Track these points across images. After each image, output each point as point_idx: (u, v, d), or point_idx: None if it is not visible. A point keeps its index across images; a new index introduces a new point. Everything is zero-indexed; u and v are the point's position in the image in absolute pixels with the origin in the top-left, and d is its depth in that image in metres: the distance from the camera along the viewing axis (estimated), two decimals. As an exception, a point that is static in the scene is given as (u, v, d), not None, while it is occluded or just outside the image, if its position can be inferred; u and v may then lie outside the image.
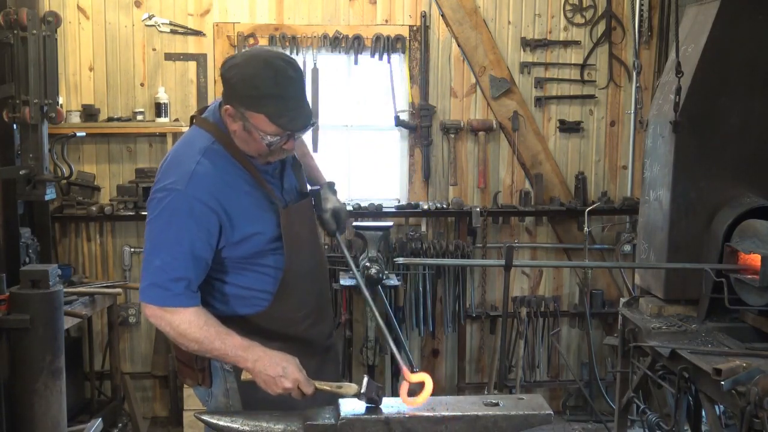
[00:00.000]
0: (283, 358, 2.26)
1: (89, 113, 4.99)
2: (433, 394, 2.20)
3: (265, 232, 2.34)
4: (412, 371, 2.23)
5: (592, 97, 5.41)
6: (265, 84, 2.21)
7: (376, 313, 2.59)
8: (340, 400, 2.21)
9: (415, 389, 2.19)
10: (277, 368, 2.23)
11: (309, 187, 2.61)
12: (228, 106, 2.26)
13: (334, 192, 2.65)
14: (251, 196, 2.33)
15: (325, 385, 2.27)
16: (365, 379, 2.22)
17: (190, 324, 2.24)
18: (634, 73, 5.32)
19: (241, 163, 2.33)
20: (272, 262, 2.38)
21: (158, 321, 2.28)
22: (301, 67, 5.11)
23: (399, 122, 5.20)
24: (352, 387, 2.24)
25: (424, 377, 2.19)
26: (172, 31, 5.09)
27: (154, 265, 2.24)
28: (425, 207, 5.21)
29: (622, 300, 3.98)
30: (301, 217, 2.47)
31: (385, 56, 5.18)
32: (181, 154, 2.34)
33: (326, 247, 5.15)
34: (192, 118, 2.44)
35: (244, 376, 2.29)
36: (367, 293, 2.62)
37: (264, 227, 2.34)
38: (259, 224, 2.33)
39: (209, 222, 2.25)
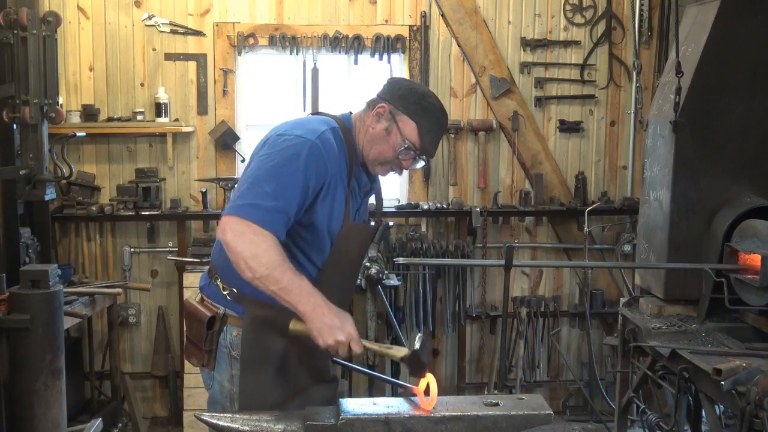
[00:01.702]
0: (341, 311, 2.28)
1: (89, 113, 4.99)
2: (433, 393, 2.20)
3: (330, 225, 2.42)
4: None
5: (592, 97, 5.41)
6: (432, 104, 2.48)
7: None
8: (341, 400, 2.21)
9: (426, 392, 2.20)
10: (334, 319, 2.24)
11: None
12: (384, 104, 2.47)
13: None
14: (341, 188, 2.43)
15: (374, 345, 2.29)
16: (418, 339, 2.23)
17: (270, 247, 2.23)
18: (634, 73, 5.32)
19: (349, 159, 2.45)
20: (318, 260, 2.45)
21: (238, 236, 2.23)
22: (302, 69, 5.12)
23: (399, 122, 5.20)
24: (402, 350, 2.26)
25: (428, 378, 2.19)
26: (172, 31, 5.09)
27: (264, 190, 2.26)
28: (425, 207, 5.21)
29: (622, 300, 3.98)
30: (359, 238, 2.53)
31: (385, 56, 5.17)
32: (308, 120, 2.50)
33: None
34: (313, 113, 2.62)
35: (293, 325, 2.27)
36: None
37: (332, 221, 2.42)
38: (331, 215, 2.41)
39: (320, 178, 2.35)
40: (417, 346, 2.22)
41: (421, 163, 2.54)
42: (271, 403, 2.37)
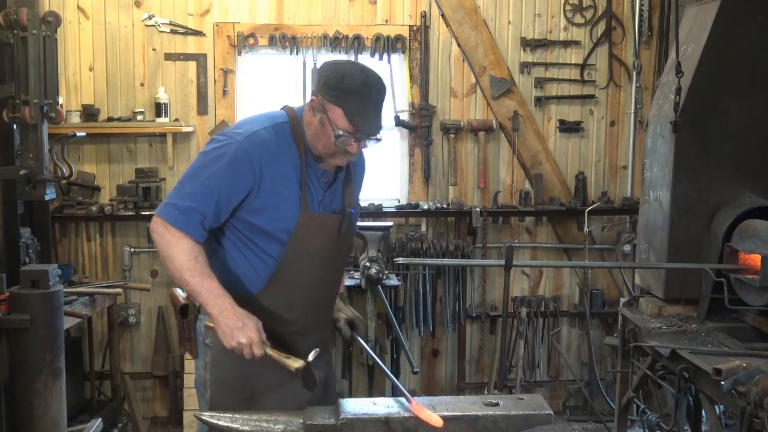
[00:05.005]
0: (247, 315, 2.36)
1: (89, 113, 4.99)
2: (433, 394, 2.21)
3: (280, 219, 2.43)
4: (413, 371, 2.24)
5: (592, 97, 5.41)
6: (353, 82, 2.37)
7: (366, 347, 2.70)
8: (341, 400, 2.22)
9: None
10: (237, 322, 2.32)
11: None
12: (314, 97, 2.43)
13: (346, 301, 2.80)
14: (289, 182, 2.44)
15: (274, 353, 2.35)
16: (313, 353, 2.30)
17: (182, 250, 2.36)
18: (634, 73, 5.32)
19: (298, 152, 2.46)
20: (274, 252, 2.45)
21: (158, 237, 2.40)
22: (302, 69, 5.10)
23: (399, 122, 5.20)
24: (298, 362, 2.32)
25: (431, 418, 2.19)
26: (172, 31, 5.09)
27: (184, 190, 2.40)
28: (425, 207, 5.20)
29: (622, 300, 3.98)
30: (323, 229, 2.52)
31: (385, 56, 5.18)
32: (256, 118, 2.55)
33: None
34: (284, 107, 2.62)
35: (208, 321, 2.40)
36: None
37: (282, 214, 2.43)
38: (281, 208, 2.43)
39: (245, 178, 2.39)
40: (310, 359, 2.30)
41: (370, 143, 2.47)
42: (241, 393, 2.42)
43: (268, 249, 2.45)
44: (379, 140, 2.48)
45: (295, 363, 2.32)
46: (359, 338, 2.70)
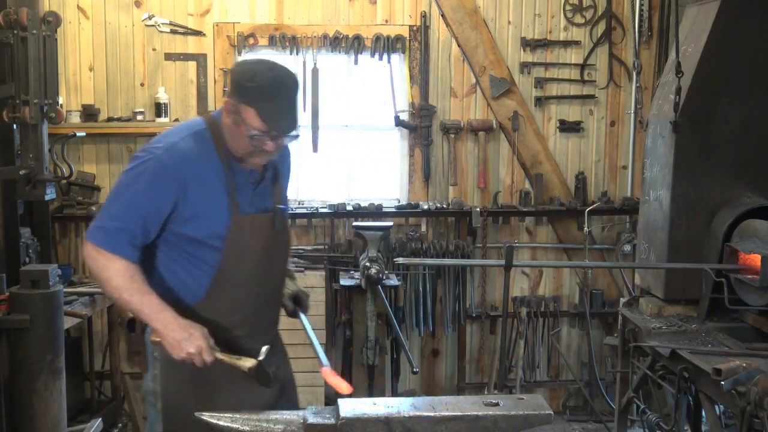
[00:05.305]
0: (191, 325, 2.37)
1: (89, 113, 4.99)
2: (433, 394, 2.22)
3: (211, 226, 2.43)
4: (413, 371, 2.26)
5: (592, 97, 5.41)
6: (263, 80, 2.35)
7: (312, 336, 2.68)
8: (340, 401, 2.22)
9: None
10: (183, 333, 2.35)
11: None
12: (227, 99, 2.42)
13: (293, 278, 2.80)
14: (215, 187, 2.43)
15: (225, 356, 2.38)
16: (263, 351, 2.35)
17: (117, 272, 2.37)
18: (634, 73, 5.32)
19: (220, 157, 2.45)
20: (210, 259, 2.45)
21: (92, 261, 2.40)
22: (302, 69, 5.09)
23: (399, 122, 5.20)
24: (249, 361, 2.36)
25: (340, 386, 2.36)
26: (172, 31, 5.09)
27: (110, 211, 2.41)
28: (425, 207, 5.21)
29: (622, 300, 3.98)
30: (257, 229, 2.51)
31: (385, 56, 5.17)
32: (175, 130, 2.53)
33: (325, 247, 5.16)
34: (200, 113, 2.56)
35: (154, 336, 2.42)
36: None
37: (213, 221, 2.43)
38: (211, 215, 2.43)
39: (169, 191, 2.38)
40: (261, 357, 2.35)
41: (289, 140, 2.46)
42: (193, 401, 2.41)
43: (203, 257, 2.44)
44: (296, 137, 2.46)
45: (247, 363, 2.35)
46: (301, 314, 2.71)
